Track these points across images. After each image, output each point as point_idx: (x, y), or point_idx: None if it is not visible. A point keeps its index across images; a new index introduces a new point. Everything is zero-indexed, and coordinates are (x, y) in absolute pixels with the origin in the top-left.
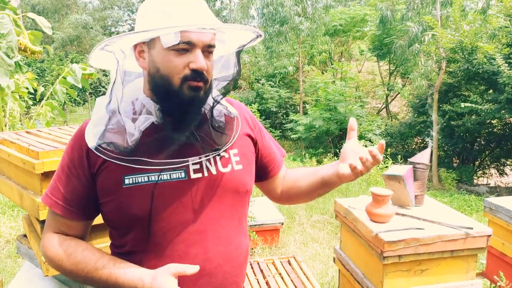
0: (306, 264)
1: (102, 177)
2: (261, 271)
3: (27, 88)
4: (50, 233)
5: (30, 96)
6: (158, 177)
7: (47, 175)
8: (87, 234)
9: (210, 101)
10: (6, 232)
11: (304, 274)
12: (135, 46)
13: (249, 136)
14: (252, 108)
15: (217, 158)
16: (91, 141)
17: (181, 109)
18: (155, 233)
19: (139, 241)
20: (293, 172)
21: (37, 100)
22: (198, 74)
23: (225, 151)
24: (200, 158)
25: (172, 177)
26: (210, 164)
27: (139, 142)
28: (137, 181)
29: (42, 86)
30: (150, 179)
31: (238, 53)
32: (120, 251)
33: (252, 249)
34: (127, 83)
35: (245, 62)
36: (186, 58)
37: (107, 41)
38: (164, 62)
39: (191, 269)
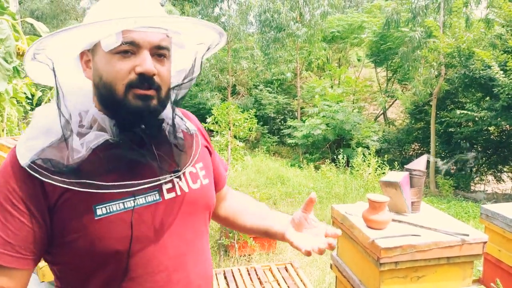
0: (303, 270)
1: (63, 210)
2: (258, 277)
3: (25, 93)
4: None
5: (28, 101)
6: (134, 202)
7: None
8: (27, 285)
9: (169, 114)
10: None
11: (301, 281)
12: (81, 55)
13: (206, 147)
14: (250, 113)
15: (187, 174)
16: (24, 157)
17: (129, 122)
18: (134, 266)
19: (110, 282)
20: (237, 201)
21: (35, 105)
22: (145, 79)
23: (192, 166)
24: (165, 178)
25: (147, 200)
26: (181, 181)
27: (89, 162)
28: (111, 210)
29: (40, 91)
30: (126, 206)
31: (198, 55)
32: None
33: (250, 255)
34: (72, 94)
35: (243, 68)
36: (131, 62)
37: (34, 48)
38: (107, 68)
39: None
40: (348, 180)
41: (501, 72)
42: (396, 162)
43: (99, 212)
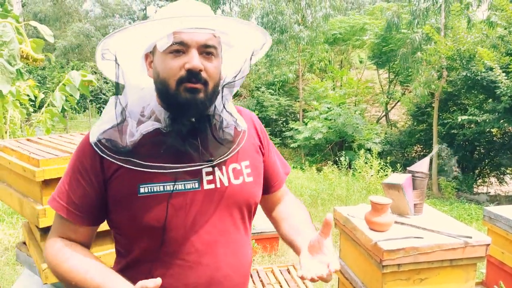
0: None
1: (115, 184)
2: (260, 279)
3: (28, 95)
4: (54, 237)
5: (31, 103)
6: (174, 186)
7: (47, 183)
8: (92, 240)
9: (220, 108)
10: (5, 239)
11: (303, 283)
12: (146, 57)
13: (259, 147)
14: None
15: (229, 169)
16: (93, 136)
17: (180, 113)
18: (168, 243)
19: (149, 250)
20: (286, 208)
21: (38, 107)
22: (192, 75)
23: (237, 162)
24: (195, 166)
25: (186, 187)
26: (223, 175)
27: (142, 145)
28: (152, 190)
29: (43, 93)
30: (165, 189)
31: (249, 57)
32: (127, 260)
33: (252, 257)
34: (137, 89)
35: None
36: (181, 60)
37: (100, 49)
38: (162, 66)
39: (151, 283)
40: (350, 182)
41: (504, 74)
42: (398, 164)
43: (142, 190)
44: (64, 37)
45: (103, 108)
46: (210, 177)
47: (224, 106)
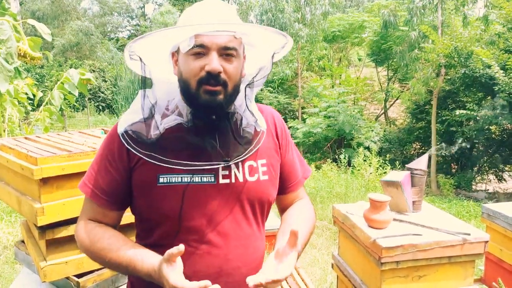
0: (304, 270)
1: (138, 172)
2: None
3: (26, 94)
4: (84, 219)
5: (29, 101)
6: (191, 179)
7: (45, 181)
8: (119, 223)
9: (242, 107)
10: (3, 238)
11: (303, 281)
12: (172, 56)
13: (277, 146)
14: None
15: (246, 166)
16: (121, 126)
17: (201, 113)
18: (184, 230)
19: (167, 236)
20: (291, 210)
21: (36, 106)
22: (212, 77)
23: (254, 160)
24: (212, 165)
25: (202, 180)
26: (238, 171)
27: (164, 139)
28: (171, 181)
29: (41, 91)
30: (183, 180)
31: (271, 57)
32: (145, 243)
33: None
34: (163, 84)
35: None
36: (202, 61)
37: (127, 52)
38: (184, 66)
39: (176, 249)
40: (349, 180)
41: (501, 71)
42: (397, 162)
43: (161, 180)
44: (62, 35)
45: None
46: (226, 172)
47: (246, 105)
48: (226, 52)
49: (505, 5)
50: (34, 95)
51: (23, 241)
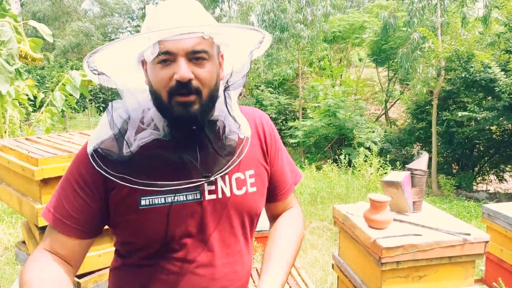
0: (305, 270)
1: (117, 195)
2: (258, 277)
3: (27, 95)
4: (40, 248)
5: (30, 102)
6: (174, 198)
7: (46, 181)
8: (82, 258)
9: (222, 113)
10: (4, 238)
11: (303, 281)
12: (142, 63)
13: (264, 155)
14: None
15: (233, 179)
16: (90, 145)
17: (177, 126)
18: (168, 252)
19: (150, 257)
20: (278, 227)
21: (37, 107)
22: (182, 85)
23: (241, 172)
24: (192, 183)
25: (187, 198)
26: (225, 185)
27: (138, 157)
28: (153, 202)
29: (42, 92)
30: (166, 201)
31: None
32: (126, 261)
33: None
34: (135, 94)
35: None
36: (171, 69)
37: (86, 67)
38: (153, 76)
39: None
40: (350, 180)
41: (502, 72)
42: (398, 162)
43: (143, 202)
44: (63, 36)
45: (102, 107)
46: (212, 187)
47: (227, 110)
48: (195, 56)
49: (507, 3)
50: (35, 96)
51: (24, 242)
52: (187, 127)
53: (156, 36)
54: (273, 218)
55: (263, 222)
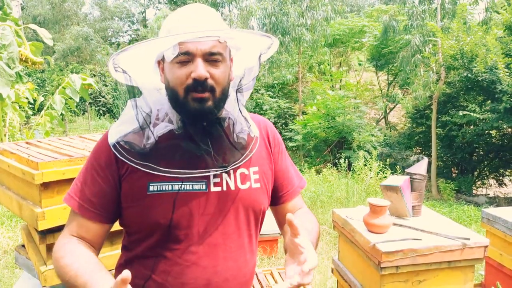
0: None
1: (128, 181)
2: (259, 282)
3: (27, 98)
4: (65, 234)
5: (30, 106)
6: (181, 186)
7: (46, 185)
8: (103, 240)
9: (234, 112)
10: (4, 242)
11: (303, 286)
12: (158, 64)
13: (269, 154)
14: None
15: (237, 173)
16: (112, 138)
17: (191, 120)
18: (172, 240)
19: (155, 246)
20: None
21: (37, 110)
22: (199, 83)
23: (246, 168)
24: (209, 172)
25: (194, 188)
26: (230, 178)
27: (158, 148)
28: (161, 188)
29: (42, 96)
30: (173, 188)
31: (258, 59)
32: (132, 254)
33: None
34: (152, 93)
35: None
36: (188, 69)
37: (111, 64)
38: (171, 75)
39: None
40: (350, 185)
41: (506, 70)
42: (398, 166)
43: (151, 188)
44: (63, 40)
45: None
46: (217, 180)
47: (240, 110)
48: (211, 58)
49: (509, 8)
50: (35, 100)
51: (23, 246)
52: (200, 121)
53: (181, 38)
54: (280, 224)
55: (263, 226)
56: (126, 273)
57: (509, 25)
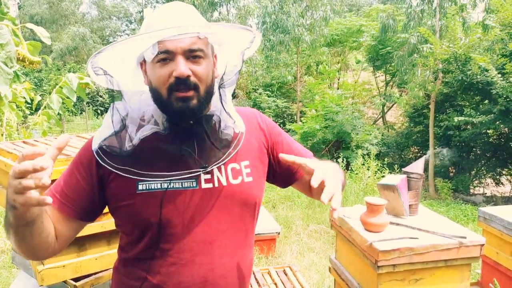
0: (302, 274)
1: (115, 182)
2: (257, 281)
3: (24, 98)
4: None
5: (27, 105)
6: (169, 184)
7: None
8: (73, 237)
9: (217, 109)
10: (1, 242)
11: (300, 284)
12: (141, 66)
13: (263, 146)
14: None
15: (228, 169)
16: (95, 142)
17: (177, 120)
18: (164, 240)
19: (148, 248)
20: None
21: (34, 110)
22: (181, 82)
23: (236, 162)
24: (191, 173)
25: (183, 186)
26: (221, 174)
27: (140, 150)
28: (150, 187)
29: (39, 95)
30: (162, 186)
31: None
32: (128, 255)
33: None
34: (136, 95)
35: (242, 72)
36: (169, 68)
37: (90, 68)
38: (153, 75)
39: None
40: (348, 184)
41: (499, 75)
42: (395, 166)
43: (140, 187)
44: (61, 39)
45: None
46: (208, 176)
47: (222, 106)
48: (192, 54)
49: (502, 9)
50: (32, 99)
51: None
52: (186, 120)
53: (156, 35)
54: (309, 190)
55: (260, 225)
56: (64, 138)
57: (507, 23)
